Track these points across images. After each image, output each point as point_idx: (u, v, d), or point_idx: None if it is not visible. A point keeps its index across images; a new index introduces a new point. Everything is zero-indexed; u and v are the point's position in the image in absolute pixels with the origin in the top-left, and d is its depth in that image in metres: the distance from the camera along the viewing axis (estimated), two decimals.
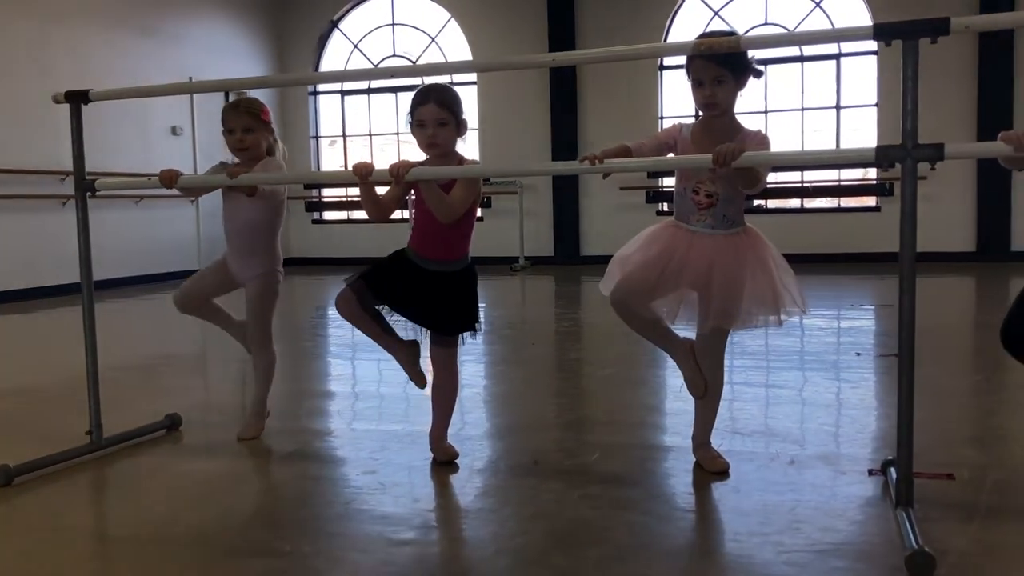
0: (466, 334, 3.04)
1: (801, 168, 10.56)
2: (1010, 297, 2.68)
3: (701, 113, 2.82)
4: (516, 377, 4.72)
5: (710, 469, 2.88)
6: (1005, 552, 2.21)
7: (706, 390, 2.92)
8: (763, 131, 2.80)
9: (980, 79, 9.82)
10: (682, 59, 2.80)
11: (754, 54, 2.68)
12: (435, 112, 2.87)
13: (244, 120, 3.31)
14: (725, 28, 10.96)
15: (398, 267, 3.01)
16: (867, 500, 2.61)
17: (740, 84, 2.71)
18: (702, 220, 2.80)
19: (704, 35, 2.61)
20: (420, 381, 3.10)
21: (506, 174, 9.98)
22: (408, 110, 2.97)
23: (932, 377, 4.32)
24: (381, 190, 3.01)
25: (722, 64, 2.64)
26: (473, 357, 5.12)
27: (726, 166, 2.48)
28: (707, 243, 2.78)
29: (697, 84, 2.71)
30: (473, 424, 3.64)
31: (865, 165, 9.41)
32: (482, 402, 4.14)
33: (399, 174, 2.76)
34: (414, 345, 3.12)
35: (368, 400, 4.22)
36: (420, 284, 2.97)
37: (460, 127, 2.92)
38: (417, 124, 2.92)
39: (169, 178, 3.15)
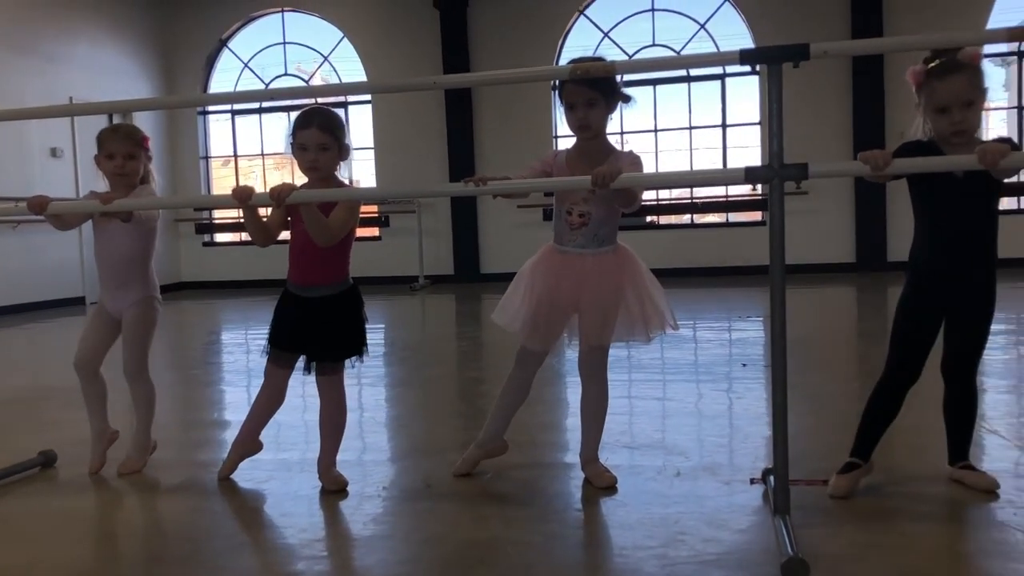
0: (352, 359, 3.01)
1: (709, 185, 10.92)
2: (887, 306, 2.81)
3: (575, 137, 2.89)
4: (411, 399, 4.70)
5: (598, 485, 2.92)
6: (874, 553, 2.31)
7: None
8: (634, 151, 2.90)
9: (854, 98, 10.33)
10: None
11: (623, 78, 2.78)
12: (317, 136, 2.86)
13: (126, 146, 3.20)
14: (598, 53, 11.24)
15: (281, 308, 3.02)
16: (749, 509, 2.69)
17: (611, 107, 2.81)
18: (574, 240, 2.88)
19: (576, 60, 2.69)
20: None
21: (389, 196, 9.90)
22: (290, 132, 2.95)
23: (813, 385, 4.50)
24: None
25: (594, 88, 2.73)
26: (368, 380, 5.07)
27: (605, 187, 2.55)
28: (576, 264, 2.87)
29: (569, 107, 2.79)
30: (365, 449, 3.60)
31: (736, 183, 9.74)
32: (375, 426, 4.10)
33: (280, 197, 2.72)
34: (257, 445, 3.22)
35: None
36: (302, 314, 2.95)
37: (342, 151, 2.91)
38: (299, 147, 2.90)
39: (39, 204, 3.02)
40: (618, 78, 2.75)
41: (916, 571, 2.21)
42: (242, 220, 3.13)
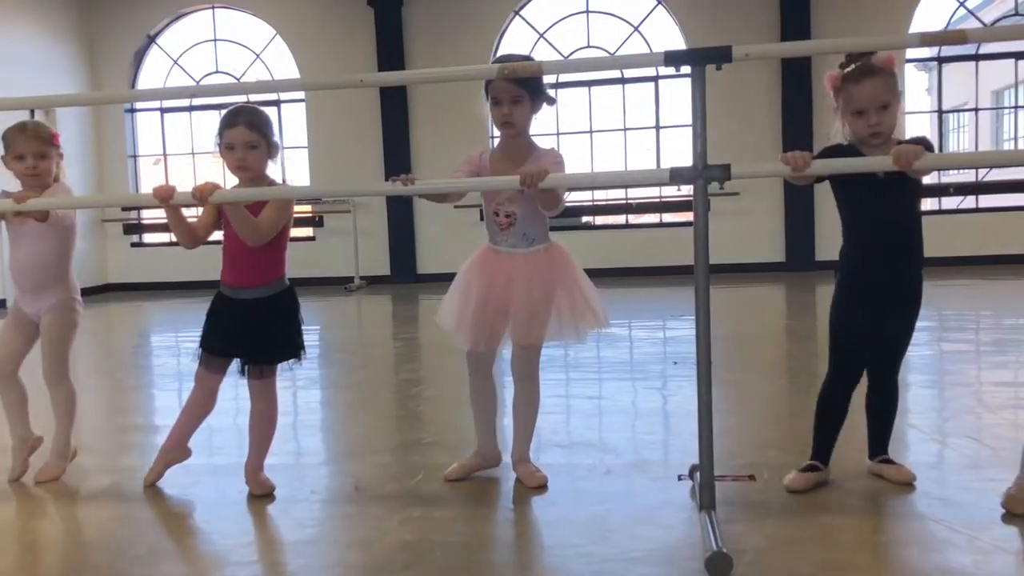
0: (288, 362, 2.96)
1: (635, 186, 11.00)
2: (816, 304, 2.89)
3: (499, 133, 2.90)
4: (344, 402, 4.65)
5: (529, 484, 2.93)
6: (794, 546, 2.36)
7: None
8: (556, 150, 2.93)
9: (783, 99, 10.54)
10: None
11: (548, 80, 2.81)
12: (244, 135, 2.82)
13: (35, 145, 3.09)
14: (534, 54, 11.28)
15: (214, 311, 2.97)
16: (676, 505, 2.73)
17: (535, 106, 2.83)
18: (505, 240, 2.89)
19: (502, 58, 2.70)
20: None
21: (315, 194, 9.74)
22: (217, 131, 2.89)
23: (742, 382, 4.58)
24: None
25: (520, 86, 2.75)
26: (301, 382, 5.00)
27: (533, 187, 2.55)
28: (508, 263, 2.88)
29: (495, 103, 2.80)
30: (295, 453, 3.55)
31: (661, 184, 9.87)
32: (306, 429, 4.05)
33: (203, 196, 2.67)
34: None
35: None
36: (235, 317, 2.90)
37: (271, 150, 2.87)
38: (226, 146, 2.85)
39: None
40: (547, 79, 2.77)
41: (835, 563, 2.26)
42: None
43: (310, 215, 11.78)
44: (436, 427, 3.91)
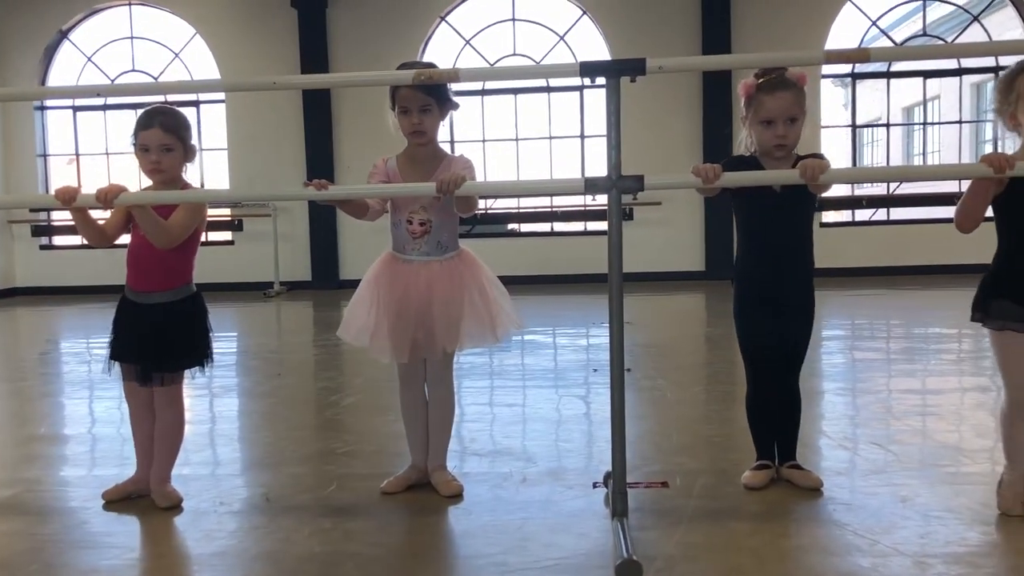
0: (194, 370, 2.88)
1: (551, 195, 11.05)
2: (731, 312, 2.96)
3: (408, 142, 2.88)
4: (257, 410, 4.55)
5: (444, 493, 2.91)
6: (703, 552, 2.39)
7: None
8: (465, 155, 2.92)
9: (704, 111, 10.75)
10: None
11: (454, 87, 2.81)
12: (160, 137, 2.74)
13: None
14: (459, 61, 11.29)
15: (120, 317, 2.89)
16: (590, 513, 2.74)
17: (443, 114, 2.82)
18: (417, 248, 2.86)
19: (409, 64, 2.68)
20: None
21: (224, 198, 9.47)
22: (132, 132, 2.81)
23: (659, 389, 4.64)
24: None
25: (429, 93, 2.73)
26: (215, 390, 4.88)
27: (449, 194, 2.54)
28: (423, 272, 2.85)
29: (404, 112, 2.78)
30: (204, 463, 3.46)
31: (576, 193, 9.98)
32: (217, 438, 3.94)
33: (107, 199, 2.58)
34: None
35: (86, 443, 3.88)
36: (140, 322, 2.81)
37: (188, 153, 2.80)
38: (141, 148, 2.77)
39: None
40: (473, 86, 2.78)
41: (743, 569, 2.30)
42: None
43: (229, 219, 11.54)
44: (353, 436, 3.85)
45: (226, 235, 11.64)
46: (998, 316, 2.50)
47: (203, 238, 2.96)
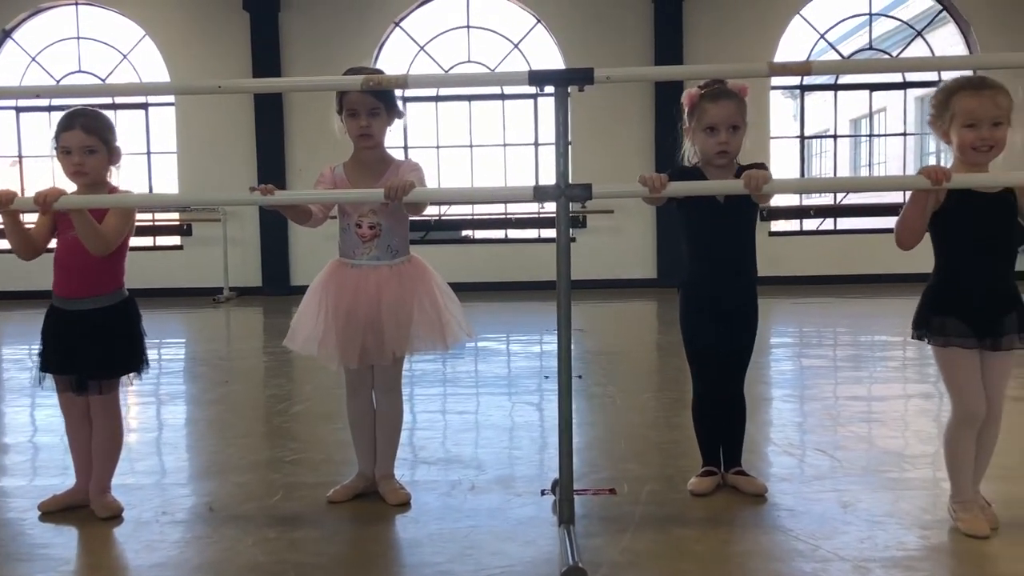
0: (130, 376, 2.82)
1: (499, 202, 11.09)
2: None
3: (355, 146, 2.87)
4: (204, 418, 4.47)
5: (392, 502, 2.89)
6: (649, 559, 2.41)
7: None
8: (412, 159, 2.93)
9: (656, 121, 10.85)
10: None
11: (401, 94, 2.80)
12: (82, 139, 2.69)
13: None
14: (414, 67, 11.28)
15: (48, 326, 2.82)
16: (538, 520, 2.74)
17: (390, 119, 2.82)
18: (367, 253, 2.85)
19: (355, 70, 2.67)
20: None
21: (171, 203, 9.27)
22: (53, 134, 2.75)
23: (609, 396, 4.67)
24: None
25: (378, 98, 2.73)
26: (162, 398, 4.80)
27: (398, 199, 2.53)
28: (372, 276, 2.83)
29: (351, 115, 2.78)
30: (147, 472, 3.39)
31: (524, 200, 10.02)
32: (161, 447, 3.87)
33: (46, 202, 2.52)
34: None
35: (26, 453, 3.79)
36: (70, 330, 2.74)
37: (112, 155, 2.74)
38: (63, 150, 2.71)
39: None
40: (427, 92, 2.79)
41: (687, 574, 2.31)
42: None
43: (178, 223, 11.37)
44: (301, 444, 3.81)
45: (175, 240, 11.46)
46: (941, 333, 2.52)
47: (152, 243, 2.91)
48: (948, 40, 11.56)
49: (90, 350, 2.73)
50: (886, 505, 2.80)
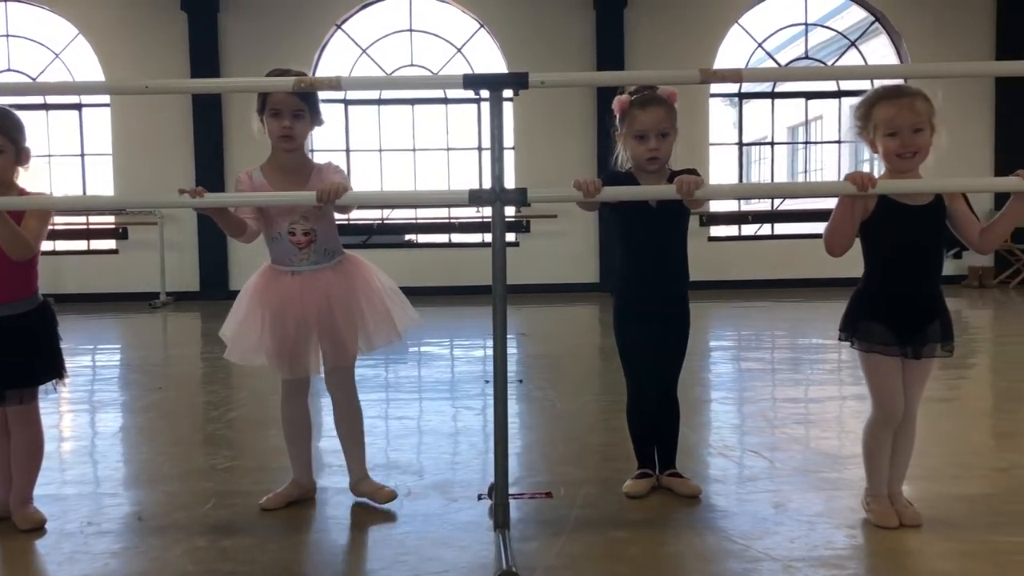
0: (50, 384, 2.74)
1: (434, 206, 11.07)
2: None
3: (274, 148, 2.82)
4: (134, 425, 4.37)
5: (380, 501, 2.89)
6: (583, 562, 2.41)
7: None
8: (333, 161, 2.88)
9: (598, 127, 10.94)
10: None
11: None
12: None
13: None
14: (356, 69, 11.21)
15: None
16: (474, 525, 2.72)
17: (315, 122, 2.79)
18: (306, 259, 2.81)
19: (281, 71, 2.64)
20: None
21: (95, 206, 9.05)
22: None
23: (549, 400, 4.68)
24: None
25: (303, 100, 2.69)
26: (90, 406, 4.68)
27: (331, 203, 2.51)
28: (317, 282, 2.79)
29: (274, 115, 2.73)
30: (74, 482, 3.29)
31: (460, 205, 10.00)
32: (89, 455, 3.77)
33: None
34: None
35: None
36: None
37: (20, 156, 2.66)
38: None
39: None
40: (370, 95, 2.75)
41: None
42: None
43: (113, 227, 11.11)
44: (235, 451, 3.75)
45: (110, 244, 11.20)
46: (866, 338, 2.58)
47: (86, 247, 2.83)
48: (881, 50, 11.86)
49: (9, 359, 2.63)
50: (818, 505, 2.85)
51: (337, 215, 2.83)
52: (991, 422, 4.30)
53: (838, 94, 11.75)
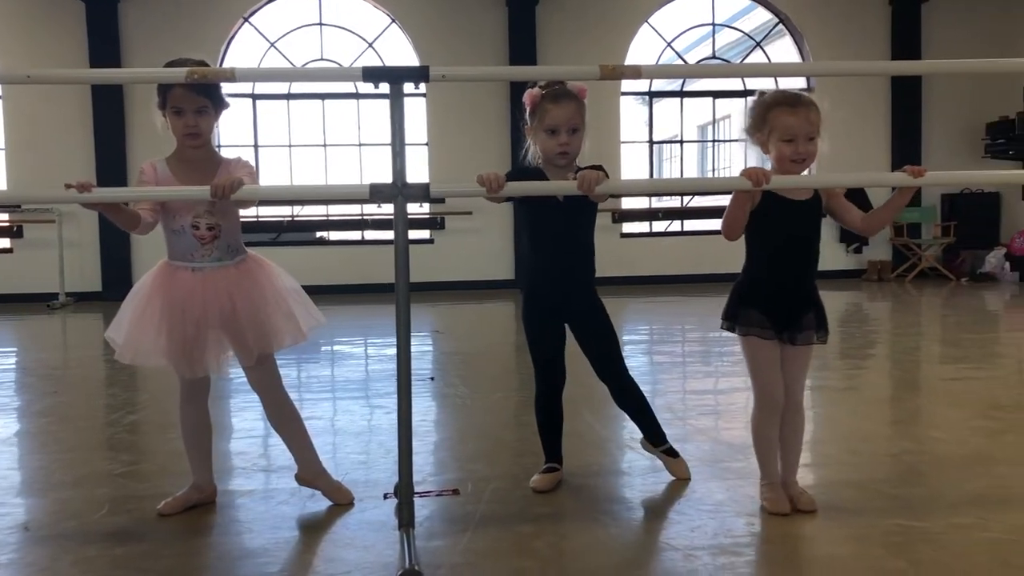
0: None
1: (335, 201, 10.95)
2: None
3: (179, 144, 2.74)
4: (27, 431, 4.17)
5: (340, 501, 2.85)
6: (488, 559, 2.41)
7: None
8: (242, 156, 2.82)
9: (512, 122, 10.98)
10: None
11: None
12: None
13: None
14: (264, 62, 10.99)
15: None
16: (379, 524, 2.69)
17: (218, 114, 2.71)
18: (208, 255, 2.72)
19: (176, 62, 2.56)
20: None
21: None
22: None
23: (461, 397, 4.66)
24: None
25: (205, 94, 2.62)
26: None
27: (226, 198, 2.44)
28: (220, 279, 2.71)
29: (177, 113, 2.64)
30: None
31: (360, 200, 9.93)
32: None
33: None
34: None
35: None
36: None
37: None
38: None
39: None
40: (277, 89, 2.68)
41: (525, 571, 2.32)
42: None
43: (7, 224, 10.64)
44: (134, 455, 3.62)
45: (4, 242, 10.72)
46: (745, 323, 2.69)
47: None
48: (785, 51, 12.22)
49: None
50: (720, 494, 2.91)
51: (239, 210, 2.76)
52: (885, 410, 4.47)
53: (744, 93, 12.04)
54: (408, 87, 2.43)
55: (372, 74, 2.44)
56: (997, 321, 8.40)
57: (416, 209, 10.97)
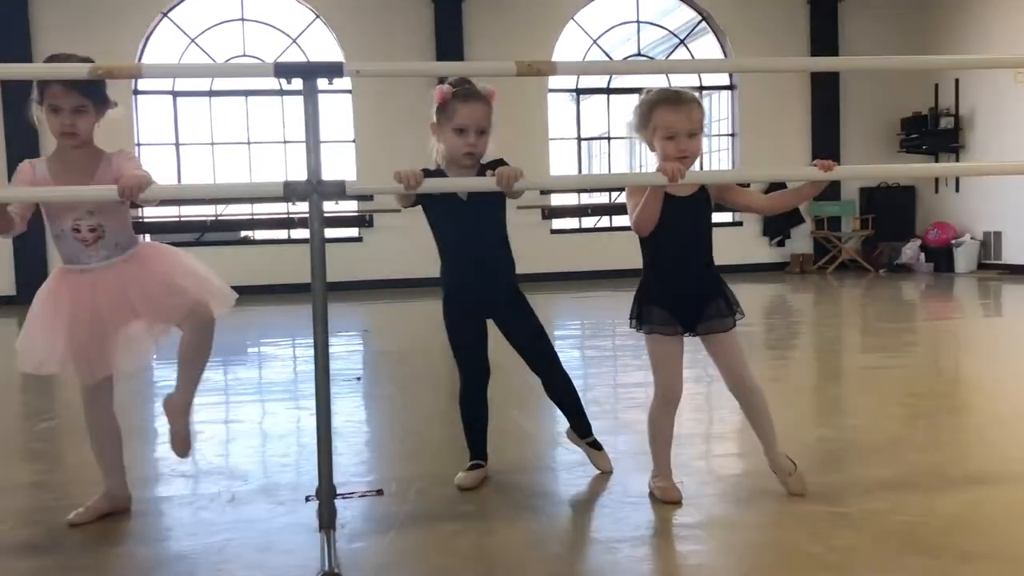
0: None
1: (249, 199, 10.76)
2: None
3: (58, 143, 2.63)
4: None
5: (177, 449, 2.77)
6: (411, 558, 2.39)
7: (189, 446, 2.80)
8: (125, 149, 2.71)
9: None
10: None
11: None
12: None
13: None
14: (185, 58, 10.75)
15: None
16: (300, 528, 2.64)
17: (100, 114, 2.60)
18: (95, 255, 2.63)
19: (58, 56, 2.46)
20: None
21: None
22: None
23: (389, 397, 4.63)
24: None
25: (84, 95, 2.51)
26: None
27: (135, 196, 2.36)
28: (110, 277, 2.62)
29: (54, 111, 2.53)
30: None
31: (275, 198, 9.81)
32: None
33: None
34: None
35: None
36: None
37: None
38: None
39: None
40: (196, 86, 2.59)
41: (447, 570, 2.31)
42: None
43: None
44: (44, 464, 3.50)
45: None
46: (648, 321, 2.72)
47: None
48: (709, 49, 12.41)
49: None
50: (643, 487, 2.93)
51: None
52: (807, 399, 4.57)
53: None
54: (333, 83, 2.39)
55: (285, 70, 2.39)
56: (913, 311, 8.69)
57: (345, 207, 10.86)
